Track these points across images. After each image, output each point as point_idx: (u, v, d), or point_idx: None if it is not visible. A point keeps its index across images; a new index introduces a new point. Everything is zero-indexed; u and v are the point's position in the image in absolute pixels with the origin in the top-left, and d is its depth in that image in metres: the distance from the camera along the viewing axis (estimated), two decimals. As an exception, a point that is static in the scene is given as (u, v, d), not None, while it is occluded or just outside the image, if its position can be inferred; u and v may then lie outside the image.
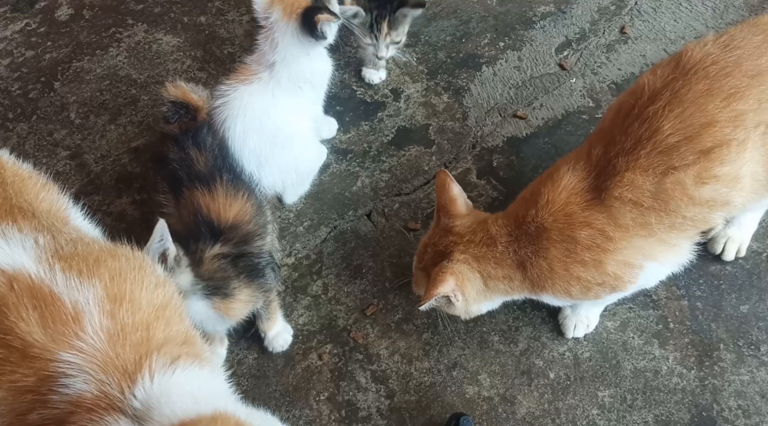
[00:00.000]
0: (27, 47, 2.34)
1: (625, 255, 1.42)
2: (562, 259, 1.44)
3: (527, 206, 1.48)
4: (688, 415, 1.61)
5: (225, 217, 1.50)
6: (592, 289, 1.47)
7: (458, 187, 1.59)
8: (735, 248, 1.78)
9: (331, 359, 1.73)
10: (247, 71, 1.74)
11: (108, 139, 2.12)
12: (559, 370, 1.69)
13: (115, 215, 1.96)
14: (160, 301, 1.12)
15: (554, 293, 1.49)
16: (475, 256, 1.50)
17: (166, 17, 2.39)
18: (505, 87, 2.16)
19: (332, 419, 1.66)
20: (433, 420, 1.65)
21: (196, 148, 1.57)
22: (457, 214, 1.56)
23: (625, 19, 2.27)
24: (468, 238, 1.52)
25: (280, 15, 1.67)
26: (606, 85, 2.13)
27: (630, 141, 1.39)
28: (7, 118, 2.18)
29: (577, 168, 1.46)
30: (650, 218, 1.38)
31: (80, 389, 0.97)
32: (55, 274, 1.06)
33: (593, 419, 1.62)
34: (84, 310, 1.03)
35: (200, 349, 1.15)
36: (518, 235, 1.48)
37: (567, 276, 1.45)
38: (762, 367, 1.66)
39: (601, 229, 1.41)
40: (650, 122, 1.38)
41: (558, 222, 1.43)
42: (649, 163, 1.36)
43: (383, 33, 1.94)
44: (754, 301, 1.74)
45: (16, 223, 1.15)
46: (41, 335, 1.00)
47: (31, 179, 1.33)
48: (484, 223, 1.54)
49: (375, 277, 1.84)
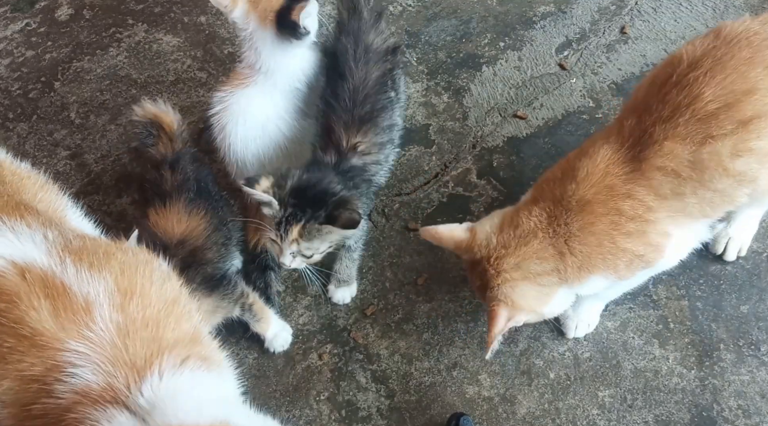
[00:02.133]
0: (27, 47, 2.34)
1: (664, 224, 1.41)
2: (609, 231, 1.41)
3: (564, 183, 1.44)
4: (688, 415, 1.61)
5: (172, 233, 1.57)
6: (634, 262, 1.44)
7: (443, 227, 1.53)
8: (737, 248, 1.77)
9: (331, 359, 1.73)
10: (242, 76, 1.72)
11: (108, 139, 2.12)
12: (559, 370, 1.69)
13: (115, 215, 1.96)
14: (170, 295, 1.12)
15: (604, 270, 1.44)
16: (513, 266, 1.44)
17: (166, 17, 2.39)
18: (505, 87, 2.16)
19: (332, 419, 1.66)
20: (433, 420, 1.65)
21: (171, 170, 1.66)
22: (466, 243, 1.50)
23: (625, 19, 2.27)
24: (496, 255, 1.45)
25: (257, 23, 1.63)
26: (606, 85, 2.13)
27: (668, 108, 1.37)
28: (7, 118, 2.18)
29: (611, 140, 1.44)
30: (686, 189, 1.37)
31: (87, 379, 0.97)
32: (66, 266, 1.06)
33: (593, 419, 1.62)
34: (95, 301, 1.03)
35: (208, 349, 1.15)
36: (558, 215, 1.43)
37: (615, 249, 1.41)
38: (762, 367, 1.66)
39: (642, 199, 1.39)
40: (690, 89, 1.35)
41: (601, 194, 1.40)
42: (688, 131, 1.34)
43: (290, 238, 1.50)
44: (754, 301, 1.74)
45: (24, 219, 1.15)
46: (51, 324, 1.00)
47: (30, 179, 1.33)
48: (513, 223, 1.47)
49: (375, 277, 1.84)
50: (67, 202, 1.37)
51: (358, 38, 1.68)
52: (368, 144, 1.64)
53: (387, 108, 1.69)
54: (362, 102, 1.63)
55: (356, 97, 1.63)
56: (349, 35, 1.69)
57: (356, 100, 1.63)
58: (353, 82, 1.64)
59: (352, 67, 1.65)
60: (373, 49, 1.69)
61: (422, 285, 1.82)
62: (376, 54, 1.69)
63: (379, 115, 1.66)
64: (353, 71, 1.64)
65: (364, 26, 1.71)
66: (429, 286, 1.82)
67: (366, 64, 1.66)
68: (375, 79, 1.66)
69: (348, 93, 1.63)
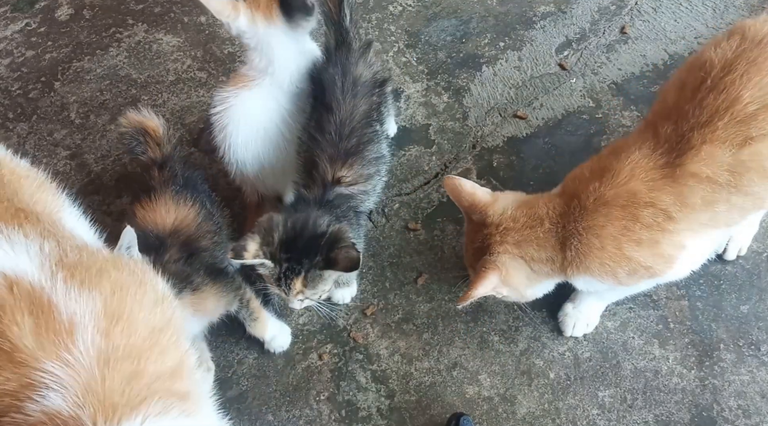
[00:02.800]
0: (27, 47, 2.34)
1: (681, 236, 1.40)
2: (617, 236, 1.40)
3: (589, 181, 1.44)
4: (688, 415, 1.61)
5: (163, 224, 1.58)
6: (638, 272, 1.43)
7: (469, 182, 1.55)
8: (737, 248, 1.78)
9: (331, 359, 1.73)
10: (246, 78, 1.71)
11: (108, 138, 2.12)
12: (559, 370, 1.69)
13: (115, 215, 1.96)
14: (158, 321, 1.09)
15: (599, 274, 1.45)
16: (515, 242, 1.47)
17: (166, 17, 2.39)
18: (505, 87, 2.16)
19: (332, 419, 1.66)
20: (433, 420, 1.65)
21: (159, 170, 1.67)
22: (484, 204, 1.52)
23: (625, 19, 2.27)
24: (505, 225, 1.48)
25: (265, 22, 1.62)
26: (606, 85, 2.13)
27: (706, 113, 1.36)
28: (7, 118, 2.18)
29: (644, 146, 1.43)
30: (720, 195, 1.36)
31: (57, 404, 0.94)
32: (56, 282, 1.04)
33: (593, 419, 1.62)
34: (79, 322, 1.00)
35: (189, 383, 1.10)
36: (572, 211, 1.44)
37: (618, 255, 1.41)
38: (762, 367, 1.66)
39: (665, 209, 1.38)
40: (728, 92, 1.35)
41: (621, 198, 1.40)
42: (727, 134, 1.34)
43: (294, 290, 1.47)
44: (754, 301, 1.74)
45: (22, 228, 1.13)
46: (31, 341, 0.97)
47: (28, 178, 1.30)
48: (530, 205, 1.50)
49: (375, 277, 1.84)
50: (65, 201, 1.35)
51: (347, 70, 1.64)
52: (354, 176, 1.60)
53: (373, 141, 1.65)
54: (348, 136, 1.59)
55: (342, 131, 1.59)
56: (337, 66, 1.65)
57: (342, 133, 1.59)
58: (340, 116, 1.60)
59: (340, 99, 1.61)
60: (362, 81, 1.66)
61: (422, 285, 1.82)
62: (364, 87, 1.65)
63: (365, 148, 1.62)
64: (340, 104, 1.61)
65: (353, 57, 1.67)
66: (429, 286, 1.82)
67: (353, 97, 1.62)
68: (362, 112, 1.63)
69: (334, 126, 1.59)
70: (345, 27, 1.66)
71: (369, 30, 2.30)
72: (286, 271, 1.43)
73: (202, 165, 2.03)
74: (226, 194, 1.90)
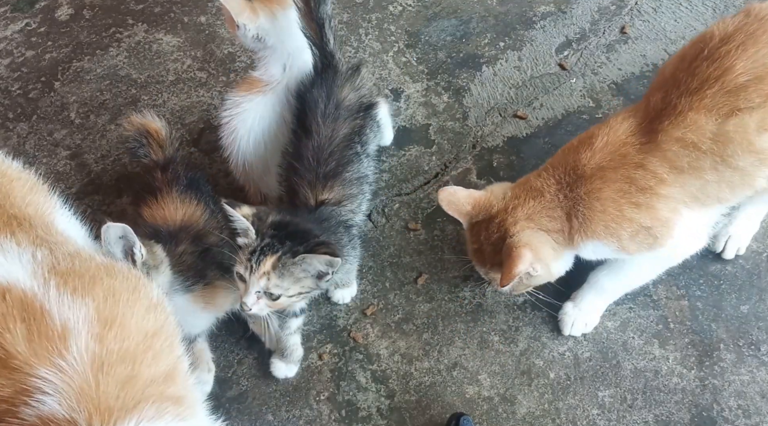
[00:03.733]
0: (27, 47, 2.34)
1: (675, 202, 1.41)
2: (617, 198, 1.42)
3: (579, 150, 1.47)
4: (688, 415, 1.62)
5: (173, 220, 1.60)
6: (639, 233, 1.45)
7: (460, 188, 1.57)
8: (736, 247, 1.78)
9: (331, 359, 1.73)
10: (260, 83, 1.70)
11: (108, 138, 2.12)
12: (559, 370, 1.69)
13: (115, 215, 1.96)
14: (151, 327, 1.09)
15: (604, 237, 1.46)
16: (527, 217, 1.49)
17: (166, 17, 2.39)
18: (505, 87, 2.16)
19: (332, 419, 1.66)
20: (433, 420, 1.65)
21: (161, 172, 1.69)
22: (485, 199, 1.55)
23: (625, 19, 2.27)
24: (512, 205, 1.50)
25: (282, 10, 1.63)
26: (606, 85, 2.13)
27: (696, 81, 1.37)
28: (7, 118, 2.18)
29: (635, 115, 1.46)
30: (705, 163, 1.37)
31: (53, 408, 0.94)
32: (49, 289, 1.04)
33: (593, 419, 1.62)
34: (73, 329, 1.00)
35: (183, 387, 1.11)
36: (568, 180, 1.46)
37: (619, 216, 1.43)
38: (762, 367, 1.66)
39: (656, 171, 1.40)
40: (721, 61, 1.36)
41: (614, 161, 1.43)
42: (715, 103, 1.34)
43: (261, 271, 1.36)
44: (754, 301, 1.74)
45: (15, 236, 1.13)
46: (24, 348, 0.98)
47: (20, 181, 1.30)
48: (523, 183, 1.53)
49: (375, 277, 1.84)
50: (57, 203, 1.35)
51: (331, 92, 1.60)
52: (337, 197, 1.57)
53: (353, 162, 1.61)
54: (326, 160, 1.56)
55: (320, 156, 1.56)
56: (322, 88, 1.61)
57: (320, 158, 1.55)
58: (318, 140, 1.56)
59: (320, 123, 1.57)
60: (345, 105, 1.62)
61: (422, 285, 1.82)
62: (347, 110, 1.61)
63: (345, 169, 1.58)
64: (320, 128, 1.57)
65: (339, 80, 1.64)
66: (429, 286, 1.82)
67: (334, 121, 1.59)
68: (342, 136, 1.59)
69: (312, 151, 1.56)
70: (329, 51, 1.63)
71: (369, 30, 2.30)
72: (264, 246, 1.36)
73: (202, 165, 2.03)
74: (226, 194, 1.90)
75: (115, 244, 1.32)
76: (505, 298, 1.78)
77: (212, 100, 2.17)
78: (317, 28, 1.60)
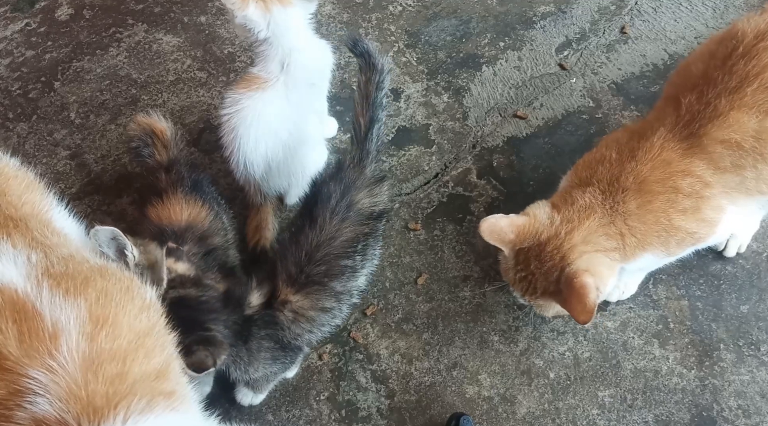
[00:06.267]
0: (27, 47, 2.34)
1: (718, 199, 1.42)
2: (666, 209, 1.42)
3: (621, 163, 1.45)
4: (688, 415, 1.62)
5: (178, 220, 1.60)
6: (686, 240, 1.45)
7: (500, 215, 1.49)
8: (737, 245, 1.78)
9: (331, 359, 1.73)
10: (259, 80, 1.69)
11: (108, 138, 2.12)
12: (559, 369, 1.69)
13: (115, 215, 1.96)
14: (143, 327, 1.10)
15: (658, 247, 1.45)
16: (584, 240, 1.45)
17: (166, 17, 2.39)
18: (505, 87, 2.16)
19: (332, 419, 1.66)
20: (433, 420, 1.65)
21: (166, 173, 1.69)
22: (529, 225, 1.48)
23: (625, 19, 2.27)
24: (564, 230, 1.45)
25: (269, 8, 1.60)
26: (606, 85, 2.13)
27: (735, 79, 1.37)
28: (7, 118, 2.18)
29: (667, 121, 1.45)
30: (746, 161, 1.38)
31: (44, 409, 0.95)
32: (42, 290, 1.05)
33: (593, 419, 1.62)
34: (64, 329, 1.01)
35: (175, 383, 1.11)
36: (614, 194, 1.44)
37: (669, 227, 1.43)
38: (762, 367, 1.66)
39: (701, 175, 1.40)
40: (759, 58, 1.36)
41: (657, 172, 1.42)
42: (755, 100, 1.35)
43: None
44: (754, 301, 1.74)
45: (11, 237, 1.14)
46: (16, 349, 0.98)
47: (17, 178, 1.30)
48: (567, 202, 1.47)
49: (375, 277, 1.84)
50: (53, 201, 1.35)
51: (348, 191, 1.52)
52: (303, 308, 1.45)
53: (344, 275, 1.50)
54: (318, 261, 1.46)
55: (314, 254, 1.45)
56: (340, 184, 1.53)
57: (313, 257, 1.45)
58: (319, 237, 1.47)
59: (326, 219, 1.48)
60: (357, 208, 1.53)
61: (422, 285, 1.82)
62: (357, 214, 1.53)
63: (331, 280, 1.48)
64: (325, 224, 1.48)
65: (360, 182, 1.56)
66: (429, 286, 1.82)
67: (341, 222, 1.49)
68: (344, 240, 1.49)
69: (308, 245, 1.46)
70: (367, 149, 1.59)
71: (369, 30, 2.30)
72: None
73: (202, 165, 2.03)
74: (227, 194, 1.90)
75: (108, 245, 1.32)
76: (505, 298, 1.79)
77: (212, 100, 2.17)
78: (367, 125, 1.58)
